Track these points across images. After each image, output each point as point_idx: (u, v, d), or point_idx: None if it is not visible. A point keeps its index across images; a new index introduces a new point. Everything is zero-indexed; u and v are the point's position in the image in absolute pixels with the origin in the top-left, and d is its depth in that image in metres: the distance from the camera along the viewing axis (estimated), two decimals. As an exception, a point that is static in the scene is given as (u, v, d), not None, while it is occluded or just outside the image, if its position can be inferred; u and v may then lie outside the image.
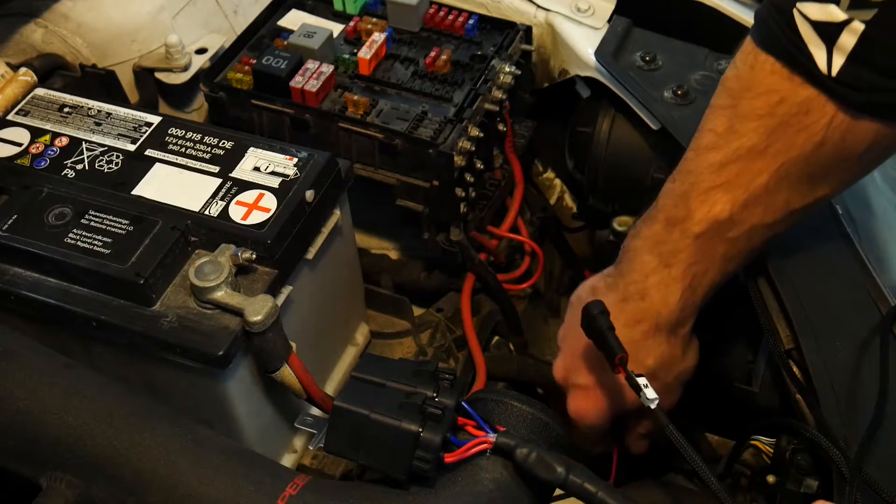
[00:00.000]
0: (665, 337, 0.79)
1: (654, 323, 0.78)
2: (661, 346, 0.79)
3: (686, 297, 0.77)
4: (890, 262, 0.85)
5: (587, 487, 0.64)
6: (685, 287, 0.77)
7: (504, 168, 1.08)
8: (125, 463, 0.65)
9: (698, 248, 0.75)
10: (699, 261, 0.76)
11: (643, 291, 0.78)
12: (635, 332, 0.78)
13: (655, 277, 0.77)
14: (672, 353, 0.81)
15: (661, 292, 0.77)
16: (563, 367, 0.85)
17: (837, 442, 0.72)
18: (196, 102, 1.08)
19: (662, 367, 0.80)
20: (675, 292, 0.77)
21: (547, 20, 1.07)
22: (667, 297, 0.77)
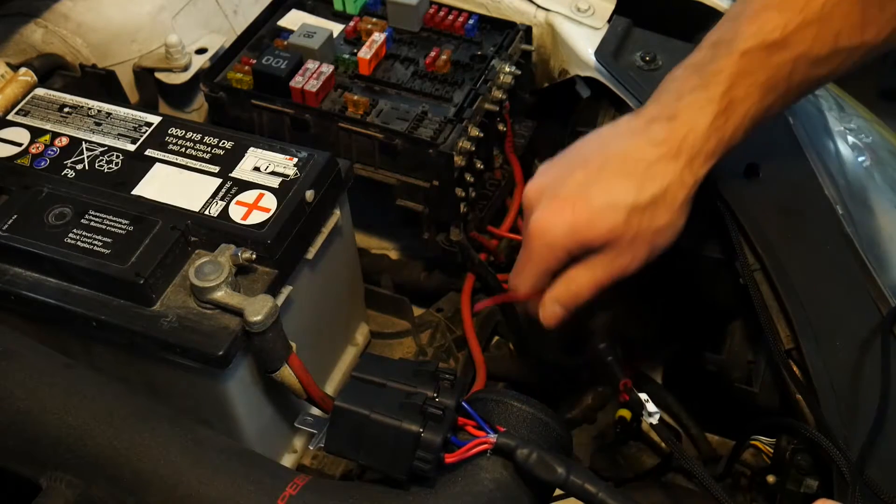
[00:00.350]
0: (680, 168, 0.75)
1: (676, 146, 0.74)
2: (671, 176, 0.75)
3: (717, 124, 0.74)
4: (890, 262, 0.85)
5: (587, 488, 0.64)
6: (719, 111, 0.74)
7: (504, 168, 1.08)
8: (125, 463, 0.65)
9: (741, 67, 0.73)
10: (739, 83, 0.73)
11: (674, 113, 0.75)
12: (651, 153, 0.75)
13: (690, 97, 0.74)
14: (676, 194, 0.76)
15: (693, 114, 0.74)
16: (540, 183, 0.80)
17: (837, 442, 0.72)
18: (196, 102, 1.08)
19: (659, 202, 0.76)
20: (708, 115, 0.74)
21: (547, 20, 1.07)
22: (697, 120, 0.74)
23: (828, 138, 0.95)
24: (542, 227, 0.78)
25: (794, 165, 0.88)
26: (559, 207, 0.77)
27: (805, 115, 0.94)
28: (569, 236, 0.77)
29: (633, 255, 0.77)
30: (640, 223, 0.75)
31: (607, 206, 0.75)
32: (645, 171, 0.75)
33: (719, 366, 0.92)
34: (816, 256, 0.83)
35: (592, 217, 0.76)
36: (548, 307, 0.82)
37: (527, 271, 0.81)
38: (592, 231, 0.76)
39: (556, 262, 0.79)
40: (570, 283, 0.80)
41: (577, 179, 0.77)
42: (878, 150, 1.00)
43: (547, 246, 0.78)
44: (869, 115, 1.09)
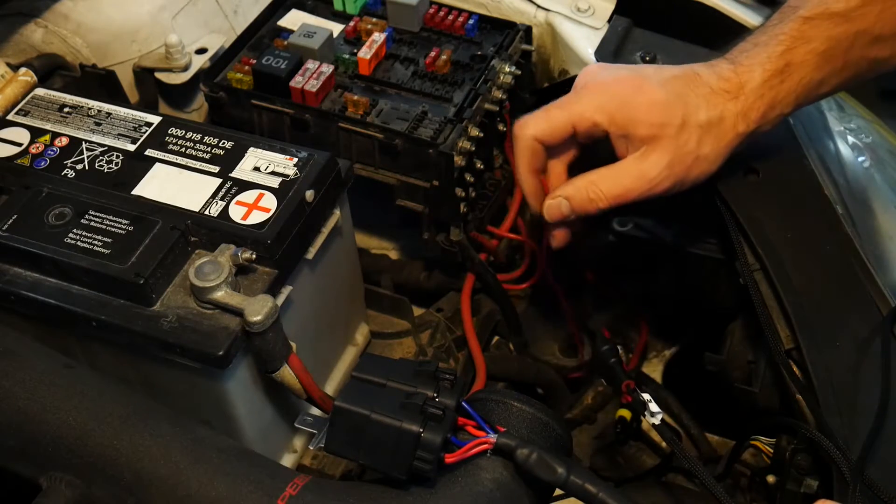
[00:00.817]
0: (737, 110, 0.76)
1: (737, 88, 0.76)
2: (729, 111, 0.76)
3: (773, 83, 0.76)
4: (890, 262, 0.85)
5: (588, 488, 0.64)
6: (776, 70, 0.75)
7: (504, 168, 1.08)
8: (125, 463, 0.65)
9: (802, 33, 0.74)
10: (798, 47, 0.75)
11: (737, 59, 0.77)
12: (716, 83, 0.76)
13: (752, 51, 0.76)
14: (727, 131, 0.77)
15: (752, 66, 0.76)
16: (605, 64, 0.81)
17: (837, 442, 0.72)
18: (196, 102, 1.08)
19: (713, 129, 0.76)
20: (766, 71, 0.75)
21: (547, 20, 1.07)
22: (755, 72, 0.75)
23: (828, 138, 0.95)
24: (598, 87, 0.78)
25: (794, 165, 0.88)
26: (623, 79, 0.77)
27: (805, 115, 0.94)
28: (621, 107, 0.77)
29: (669, 167, 0.77)
30: (689, 136, 0.76)
31: (669, 102, 0.75)
32: (707, 95, 0.76)
33: (719, 366, 0.91)
34: (816, 256, 0.83)
35: (653, 102, 0.76)
36: (556, 200, 0.82)
37: (551, 113, 0.80)
38: (646, 113, 0.76)
39: (586, 126, 0.78)
40: (590, 185, 0.80)
41: (648, 71, 0.78)
42: (878, 150, 1.00)
43: (593, 104, 0.78)
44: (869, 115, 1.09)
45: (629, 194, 0.79)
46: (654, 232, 0.97)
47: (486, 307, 1.07)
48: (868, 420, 0.73)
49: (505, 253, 1.09)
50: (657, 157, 0.77)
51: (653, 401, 0.79)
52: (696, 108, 0.76)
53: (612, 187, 0.79)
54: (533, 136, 0.81)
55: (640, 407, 0.79)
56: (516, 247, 1.11)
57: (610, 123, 0.78)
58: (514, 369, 1.07)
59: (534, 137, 0.81)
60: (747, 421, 0.88)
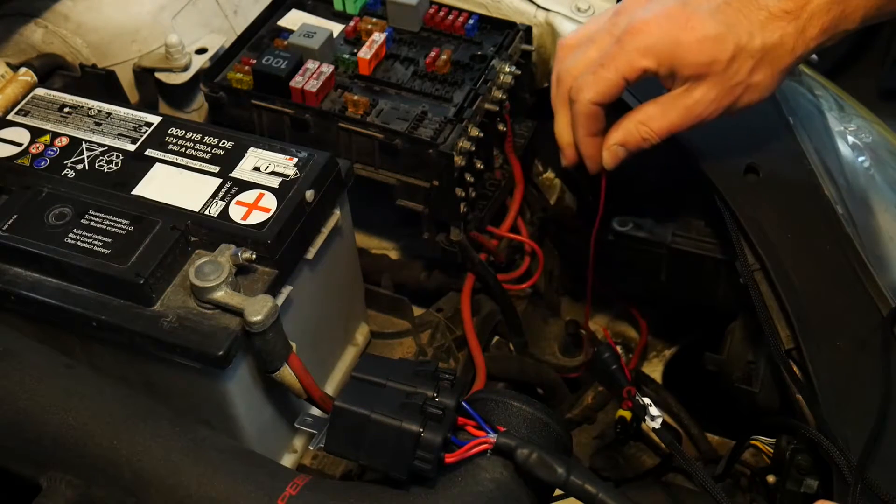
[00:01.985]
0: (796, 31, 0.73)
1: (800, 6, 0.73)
2: (787, 35, 0.73)
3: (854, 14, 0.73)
4: (890, 262, 0.85)
5: (587, 488, 0.64)
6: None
7: (504, 168, 1.08)
8: (125, 463, 0.65)
9: None
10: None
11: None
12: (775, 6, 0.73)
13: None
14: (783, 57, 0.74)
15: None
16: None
17: (837, 442, 0.72)
18: (196, 102, 1.08)
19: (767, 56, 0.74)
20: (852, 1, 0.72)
21: (547, 20, 1.07)
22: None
23: (828, 138, 0.95)
24: (643, 28, 0.75)
25: (794, 165, 0.88)
26: (669, 14, 0.75)
27: (805, 115, 0.94)
28: (668, 47, 0.74)
29: (716, 101, 0.76)
30: (740, 67, 0.74)
31: (719, 35, 0.73)
32: (765, 20, 0.73)
33: (719, 366, 0.92)
34: (816, 256, 0.82)
35: (702, 38, 0.73)
36: (612, 150, 0.81)
37: (602, 76, 0.77)
38: (694, 52, 0.74)
39: (636, 74, 0.76)
40: (639, 126, 0.79)
41: (695, 2, 0.75)
42: (878, 150, 1.00)
43: (639, 49, 0.75)
44: (869, 115, 1.09)
45: (678, 128, 0.78)
46: (654, 232, 0.97)
47: (486, 307, 1.07)
48: (868, 420, 0.73)
49: (505, 253, 1.09)
50: (703, 92, 0.75)
51: (653, 405, 0.79)
52: (749, 37, 0.73)
53: (661, 124, 0.78)
54: (590, 100, 0.78)
55: (641, 412, 0.79)
56: (516, 247, 1.11)
57: (658, 65, 0.75)
58: (514, 369, 1.07)
59: (591, 102, 0.78)
60: (747, 421, 0.88)
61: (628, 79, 0.77)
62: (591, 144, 0.82)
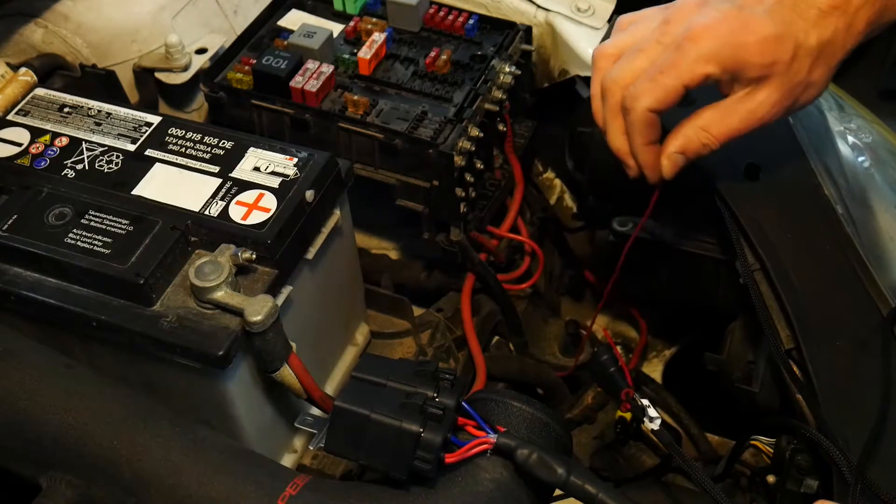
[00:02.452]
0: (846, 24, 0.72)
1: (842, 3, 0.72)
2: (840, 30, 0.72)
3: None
4: (890, 262, 0.85)
5: (587, 488, 0.64)
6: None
7: (504, 168, 1.08)
8: (125, 463, 0.65)
9: None
10: None
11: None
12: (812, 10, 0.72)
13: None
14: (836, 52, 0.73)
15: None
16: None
17: (837, 442, 0.72)
18: (196, 102, 1.08)
19: (823, 53, 0.73)
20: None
21: (547, 20, 1.07)
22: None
23: (828, 138, 0.95)
24: (702, 33, 0.73)
25: (794, 165, 0.88)
26: (727, 18, 0.73)
27: (805, 115, 0.93)
28: (731, 51, 0.73)
29: (777, 102, 0.75)
30: (801, 66, 0.73)
31: (779, 35, 0.72)
32: (817, 18, 0.72)
33: (719, 366, 0.92)
34: (816, 256, 0.82)
35: (762, 39, 0.72)
36: (672, 157, 0.79)
37: (662, 83, 0.75)
38: (757, 54, 0.72)
39: (698, 81, 0.74)
40: (700, 131, 0.77)
41: (750, 2, 0.74)
42: (878, 150, 1.00)
43: (703, 56, 0.73)
44: (869, 115, 1.09)
45: (739, 133, 0.76)
46: (654, 232, 0.97)
47: (486, 307, 1.07)
48: (868, 420, 0.73)
49: (505, 253, 1.09)
50: (766, 94, 0.74)
51: (651, 406, 0.79)
52: (805, 35, 0.72)
53: (721, 129, 0.76)
54: (647, 108, 0.76)
55: (640, 413, 0.79)
56: (516, 247, 1.11)
57: (722, 71, 0.74)
58: (514, 369, 1.07)
59: (648, 109, 0.76)
60: (747, 421, 0.88)
61: (689, 86, 0.75)
62: (650, 153, 0.80)
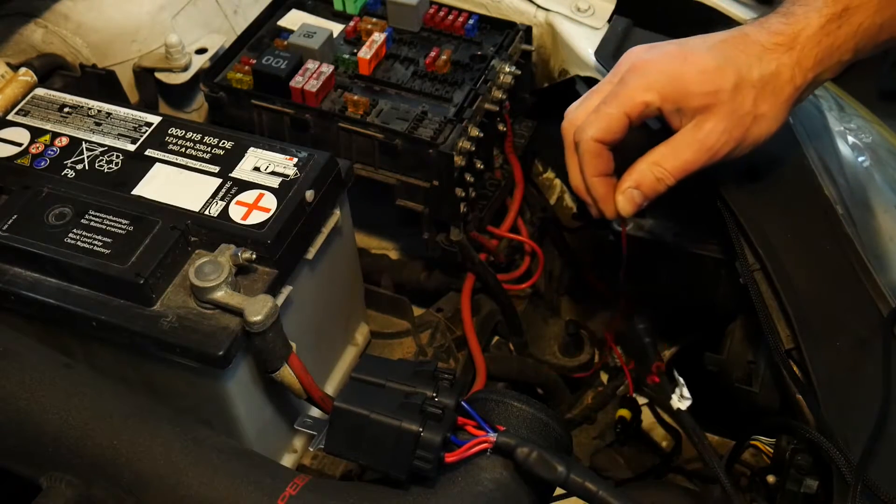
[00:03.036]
0: (792, 62, 0.74)
1: (791, 39, 0.74)
2: (784, 66, 0.74)
3: (830, 28, 0.74)
4: (890, 262, 0.85)
5: (588, 487, 0.64)
6: (833, 15, 0.73)
7: (504, 168, 1.08)
8: (125, 463, 0.65)
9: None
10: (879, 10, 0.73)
11: (790, 11, 0.75)
12: (767, 39, 0.74)
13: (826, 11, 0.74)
14: (783, 87, 0.75)
15: (808, 13, 0.74)
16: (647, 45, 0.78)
17: (837, 442, 0.72)
18: (196, 102, 1.08)
19: (768, 86, 0.75)
20: (823, 16, 0.73)
21: (547, 20, 1.07)
22: (810, 19, 0.74)
23: (828, 138, 0.95)
24: (644, 67, 0.76)
25: (794, 165, 0.88)
26: (668, 53, 0.76)
27: (805, 115, 0.94)
28: (670, 81, 0.75)
29: (726, 132, 0.75)
30: (744, 99, 0.74)
31: (719, 67, 0.73)
32: (760, 53, 0.74)
33: (719, 366, 0.92)
34: (816, 256, 0.82)
35: (702, 71, 0.74)
36: (627, 193, 0.79)
37: (604, 112, 0.77)
38: (697, 83, 0.74)
39: (639, 110, 0.76)
40: (653, 166, 0.78)
41: (695, 41, 0.76)
42: (878, 150, 1.00)
43: (641, 85, 0.76)
44: (869, 115, 1.09)
45: (692, 166, 0.77)
46: (654, 232, 0.97)
47: (486, 307, 1.07)
48: (868, 420, 0.73)
49: (505, 253, 1.09)
50: (713, 124, 0.75)
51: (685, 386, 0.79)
52: (748, 68, 0.74)
53: (674, 163, 0.77)
54: (592, 137, 0.78)
55: (670, 389, 0.78)
56: (516, 247, 1.11)
57: (662, 100, 0.76)
58: (514, 369, 1.07)
59: (593, 139, 0.78)
60: (747, 421, 0.88)
61: (630, 115, 0.77)
62: (601, 185, 0.81)
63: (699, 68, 0.75)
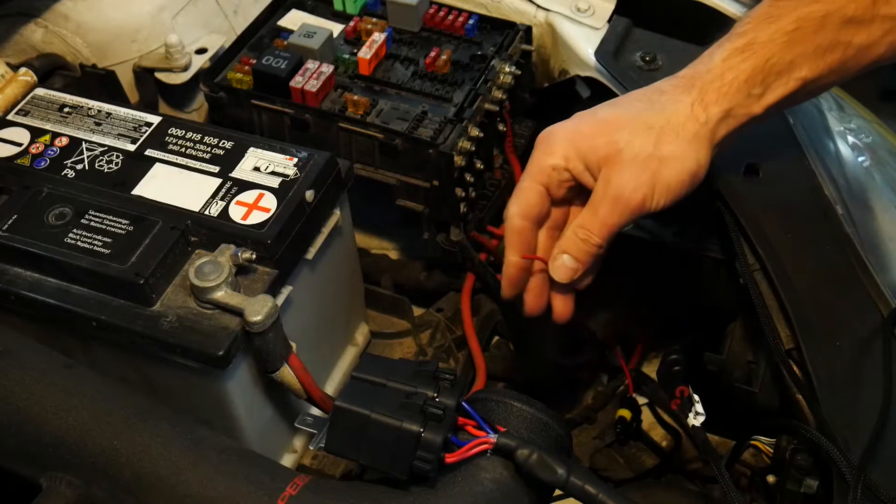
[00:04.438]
0: (691, 100, 0.74)
1: (690, 80, 0.74)
2: (681, 104, 0.74)
3: (733, 62, 0.73)
4: (890, 262, 0.85)
5: (588, 489, 0.64)
6: (736, 49, 0.73)
7: (504, 168, 1.08)
8: (125, 463, 0.65)
9: (769, 13, 0.72)
10: (763, 27, 0.72)
11: (709, 57, 0.74)
12: (667, 85, 0.75)
13: (714, 45, 0.74)
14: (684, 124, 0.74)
15: (711, 53, 0.74)
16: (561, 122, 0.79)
17: (837, 442, 0.72)
18: (196, 102, 1.08)
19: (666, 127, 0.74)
20: (725, 50, 0.73)
21: (547, 20, 1.07)
22: (714, 56, 0.73)
23: (828, 138, 0.95)
24: (548, 135, 0.77)
25: (794, 165, 0.88)
26: (573, 118, 0.78)
27: (805, 115, 0.94)
28: (570, 140, 0.76)
29: (634, 179, 0.74)
30: (644, 142, 0.74)
31: (617, 115, 0.74)
32: (657, 98, 0.75)
33: (719, 366, 0.91)
34: (816, 256, 0.82)
35: (599, 123, 0.75)
36: (558, 259, 0.79)
37: (520, 187, 0.78)
38: (593, 136, 0.75)
39: (546, 175, 0.77)
40: (577, 229, 0.78)
41: (594, 107, 0.78)
42: (878, 150, 1.01)
43: (545, 151, 0.77)
44: (869, 115, 1.09)
45: (613, 220, 0.76)
46: (654, 232, 0.97)
47: (486, 307, 1.07)
48: (868, 420, 0.73)
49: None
50: (617, 174, 0.74)
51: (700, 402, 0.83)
52: (646, 112, 0.74)
53: (595, 223, 0.77)
54: (515, 213, 0.79)
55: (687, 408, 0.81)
56: (516, 247, 1.11)
57: (567, 160, 0.76)
58: (514, 369, 1.07)
59: (517, 216, 0.79)
60: (747, 421, 0.88)
61: (544, 184, 0.77)
62: (513, 266, 0.80)
63: (596, 120, 0.76)
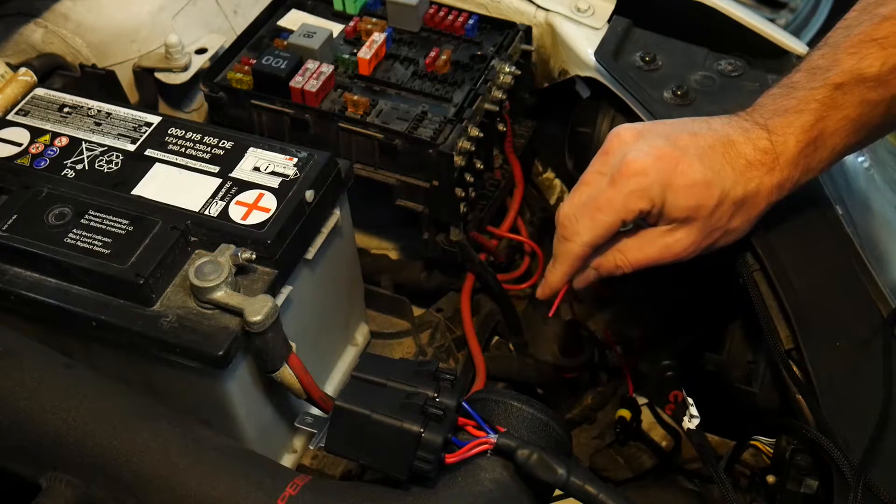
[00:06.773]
0: (772, 183, 0.75)
1: (773, 160, 0.74)
2: (764, 185, 0.75)
3: (807, 152, 0.74)
4: (890, 262, 0.85)
5: (588, 489, 0.64)
6: (809, 140, 0.74)
7: (504, 168, 1.08)
8: (125, 463, 0.65)
9: (834, 100, 0.72)
10: (831, 115, 0.73)
11: (772, 128, 0.75)
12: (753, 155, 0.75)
13: (785, 119, 0.74)
14: (759, 204, 0.76)
15: (787, 136, 0.74)
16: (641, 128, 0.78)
17: (837, 442, 0.72)
18: (196, 102, 1.08)
19: (746, 203, 0.76)
20: (800, 142, 0.74)
21: (547, 20, 1.07)
22: (789, 143, 0.74)
23: (828, 138, 0.95)
24: (637, 170, 0.75)
25: (794, 165, 0.88)
26: (665, 155, 0.75)
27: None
28: (659, 190, 0.75)
29: (694, 244, 0.77)
30: (723, 214, 0.76)
31: (707, 182, 0.74)
32: (744, 169, 0.75)
33: (719, 366, 0.92)
34: (816, 256, 0.83)
35: (692, 184, 0.74)
36: (585, 272, 0.82)
37: (600, 220, 0.77)
38: (683, 196, 0.75)
39: (633, 216, 0.76)
40: (617, 253, 0.79)
41: (685, 140, 0.76)
42: (878, 150, 1.00)
43: (635, 192, 0.75)
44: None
45: (652, 262, 0.79)
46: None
47: (486, 307, 1.07)
48: (868, 420, 0.73)
49: (505, 253, 1.09)
50: (685, 234, 0.77)
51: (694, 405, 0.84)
52: (733, 185, 0.75)
53: (637, 256, 0.79)
54: (586, 243, 0.79)
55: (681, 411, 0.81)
56: (516, 247, 1.11)
57: (652, 206, 0.76)
58: (514, 369, 1.07)
59: (587, 245, 0.79)
60: (747, 421, 0.88)
61: (626, 220, 0.78)
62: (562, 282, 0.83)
63: (688, 181, 0.75)
